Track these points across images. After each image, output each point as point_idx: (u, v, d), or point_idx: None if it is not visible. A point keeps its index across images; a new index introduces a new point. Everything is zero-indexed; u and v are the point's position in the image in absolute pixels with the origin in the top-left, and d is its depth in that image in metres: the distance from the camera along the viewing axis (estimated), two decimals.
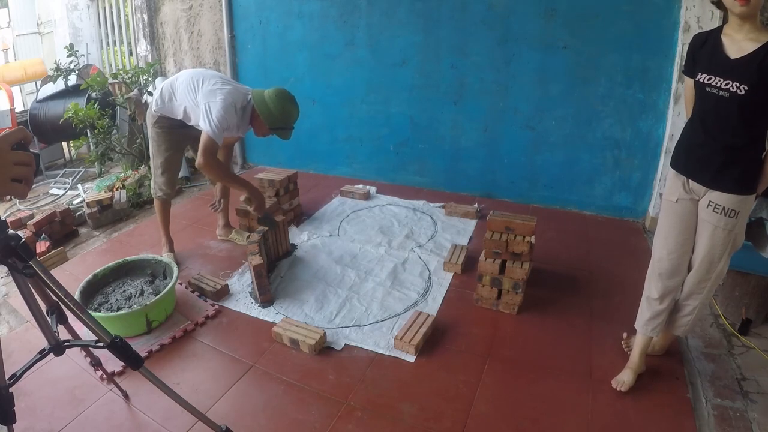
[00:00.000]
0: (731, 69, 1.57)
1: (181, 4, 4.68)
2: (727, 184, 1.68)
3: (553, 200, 3.64)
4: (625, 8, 3.02)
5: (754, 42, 1.52)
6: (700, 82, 1.66)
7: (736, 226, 1.72)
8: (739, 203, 1.67)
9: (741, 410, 1.81)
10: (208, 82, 2.49)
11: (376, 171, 4.19)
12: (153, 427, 1.79)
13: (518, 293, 2.34)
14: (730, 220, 1.69)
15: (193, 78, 2.53)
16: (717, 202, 1.70)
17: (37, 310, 1.29)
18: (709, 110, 1.66)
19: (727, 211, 1.69)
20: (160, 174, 2.75)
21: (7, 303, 2.61)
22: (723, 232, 1.72)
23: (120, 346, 1.35)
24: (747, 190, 1.67)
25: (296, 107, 2.59)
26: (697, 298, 1.88)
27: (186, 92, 2.50)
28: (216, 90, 2.44)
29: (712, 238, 1.75)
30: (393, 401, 1.89)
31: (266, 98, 2.49)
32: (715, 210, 1.71)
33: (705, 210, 1.75)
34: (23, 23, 7.25)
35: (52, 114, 4.54)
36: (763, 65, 1.50)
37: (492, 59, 3.49)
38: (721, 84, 1.59)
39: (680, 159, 1.81)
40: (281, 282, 2.70)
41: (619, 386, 1.92)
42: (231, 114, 2.43)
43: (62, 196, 4.25)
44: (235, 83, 2.64)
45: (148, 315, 2.25)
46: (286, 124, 2.55)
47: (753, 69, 1.51)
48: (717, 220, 1.71)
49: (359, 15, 3.82)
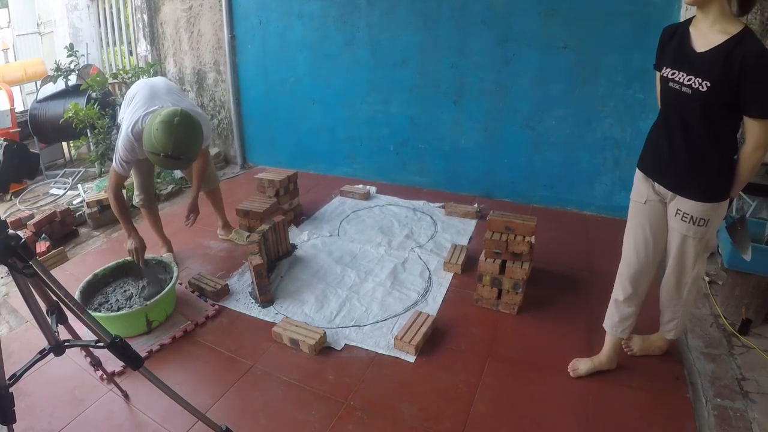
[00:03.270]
0: (695, 63, 1.46)
1: (181, 4, 4.69)
2: (694, 191, 1.57)
3: (553, 200, 3.64)
4: (625, 8, 3.02)
5: (722, 34, 1.41)
6: (664, 77, 1.56)
7: (707, 234, 1.63)
8: (709, 211, 1.57)
9: (741, 410, 1.81)
10: (134, 103, 2.44)
11: (376, 171, 4.19)
12: (153, 427, 1.80)
13: (518, 293, 2.34)
14: (699, 228, 1.60)
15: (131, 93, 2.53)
16: (685, 211, 1.60)
17: (37, 310, 1.30)
18: (672, 107, 1.56)
19: (695, 220, 1.59)
20: (136, 184, 2.78)
21: (7, 303, 2.61)
22: (693, 240, 1.64)
23: (120, 346, 1.35)
24: (716, 197, 1.56)
25: (168, 137, 2.11)
26: (678, 302, 1.84)
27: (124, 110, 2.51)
28: (126, 116, 2.41)
29: (682, 246, 1.67)
30: (393, 401, 1.89)
31: (150, 123, 2.19)
32: (684, 219, 1.61)
33: (673, 218, 1.66)
34: (23, 23, 7.25)
35: (52, 114, 4.54)
36: (729, 60, 1.38)
37: (492, 59, 3.49)
38: (684, 79, 1.48)
39: (646, 160, 1.72)
40: (281, 282, 2.70)
41: (571, 370, 1.95)
42: (131, 144, 2.34)
43: (62, 196, 4.25)
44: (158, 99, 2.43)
45: (148, 315, 2.25)
46: (152, 148, 2.15)
47: (718, 63, 1.40)
48: (686, 229, 1.62)
49: (359, 15, 3.82)
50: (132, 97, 2.51)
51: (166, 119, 2.14)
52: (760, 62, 1.35)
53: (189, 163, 2.37)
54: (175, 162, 2.24)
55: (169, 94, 2.53)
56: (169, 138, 2.12)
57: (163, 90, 2.53)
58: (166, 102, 2.43)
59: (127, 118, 2.41)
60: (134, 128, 2.35)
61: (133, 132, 2.34)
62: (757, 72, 1.36)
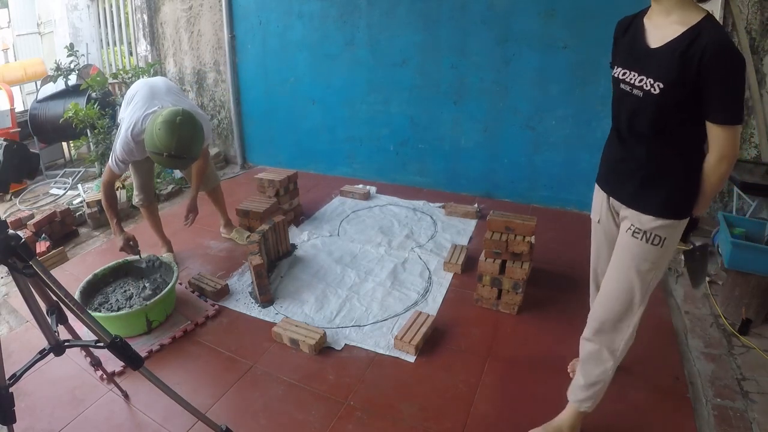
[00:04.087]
0: (648, 61, 1.26)
1: (181, 4, 4.69)
2: (649, 205, 1.35)
3: (553, 200, 3.64)
4: (625, 8, 3.01)
5: (679, 25, 1.20)
6: (615, 77, 1.37)
7: (660, 258, 1.38)
8: (666, 229, 1.34)
9: (741, 410, 1.81)
10: (133, 103, 2.45)
11: (376, 171, 4.19)
12: (153, 427, 1.79)
13: (518, 293, 2.34)
14: (652, 248, 1.35)
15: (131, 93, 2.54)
16: (637, 226, 1.37)
17: (37, 310, 1.30)
18: (623, 112, 1.36)
19: (649, 237, 1.35)
20: (136, 185, 2.79)
21: (7, 303, 2.61)
22: (644, 264, 1.38)
23: (120, 346, 1.35)
24: (675, 213, 1.33)
25: (170, 136, 2.13)
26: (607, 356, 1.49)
27: (124, 110, 2.52)
28: (126, 116, 2.42)
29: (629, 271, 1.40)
30: (393, 401, 1.89)
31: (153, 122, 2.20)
32: (635, 234, 1.37)
33: (624, 234, 1.42)
34: (23, 23, 7.25)
35: (52, 114, 4.54)
36: (686, 56, 1.17)
37: (492, 59, 3.49)
38: (636, 80, 1.28)
39: (601, 172, 1.53)
40: (281, 282, 2.70)
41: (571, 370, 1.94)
42: (129, 145, 2.36)
43: (62, 196, 4.26)
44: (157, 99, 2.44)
45: (148, 315, 2.25)
46: (154, 148, 2.18)
47: (672, 61, 1.19)
48: (636, 247, 1.38)
49: (359, 15, 3.82)
50: (132, 97, 2.51)
51: (169, 119, 2.15)
52: (720, 59, 1.14)
53: (191, 162, 2.38)
54: (178, 161, 2.25)
55: (169, 94, 2.52)
56: (172, 137, 2.13)
57: (163, 90, 2.53)
58: (166, 102, 2.43)
59: (127, 118, 2.41)
60: (134, 129, 2.35)
61: (133, 133, 2.34)
62: (717, 71, 1.15)
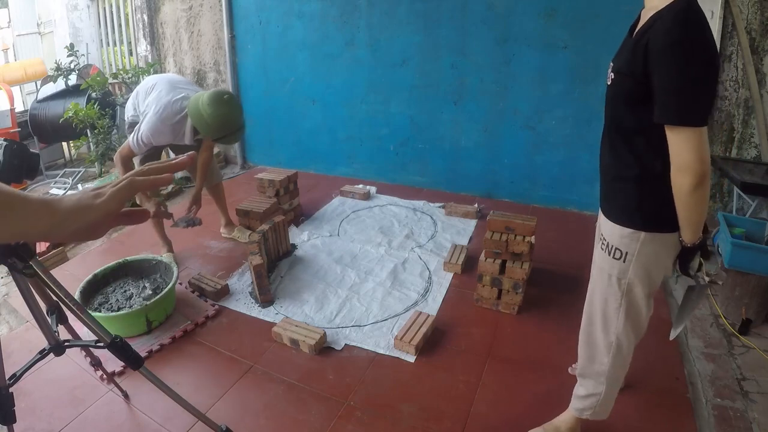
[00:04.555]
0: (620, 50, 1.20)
1: (181, 4, 4.69)
2: (611, 209, 1.24)
3: (553, 200, 3.64)
4: (625, 8, 3.02)
5: (652, 11, 1.08)
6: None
7: (626, 275, 1.22)
8: (626, 241, 1.20)
9: (741, 410, 1.81)
10: (156, 90, 2.53)
11: (376, 171, 4.19)
12: (153, 427, 1.79)
13: (518, 293, 2.34)
14: (615, 262, 1.23)
15: (148, 85, 2.60)
16: (603, 235, 1.27)
17: (37, 310, 1.29)
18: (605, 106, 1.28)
19: (610, 249, 1.23)
20: None
21: (7, 303, 2.61)
22: (611, 279, 1.25)
23: (120, 346, 1.35)
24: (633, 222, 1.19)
25: (234, 109, 2.39)
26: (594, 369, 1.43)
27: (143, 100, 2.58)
28: (152, 102, 2.49)
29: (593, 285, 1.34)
30: (393, 401, 1.89)
31: (201, 108, 2.35)
32: (602, 245, 1.28)
33: (596, 249, 1.34)
34: (23, 23, 7.25)
35: (52, 114, 4.54)
36: (639, 43, 1.05)
37: (492, 59, 3.49)
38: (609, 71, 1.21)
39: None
40: (281, 282, 2.70)
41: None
42: (157, 128, 2.44)
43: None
44: (180, 89, 2.55)
45: (148, 315, 2.25)
46: (226, 131, 2.39)
47: (627, 49, 1.12)
48: (600, 260, 1.29)
49: (359, 15, 3.82)
50: (150, 89, 2.59)
51: (225, 99, 2.36)
52: (661, 44, 0.99)
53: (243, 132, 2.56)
54: (243, 131, 2.51)
55: (187, 84, 2.66)
56: (236, 111, 2.42)
57: (182, 81, 2.67)
58: (189, 91, 2.55)
59: (153, 104, 2.48)
60: (164, 112, 2.45)
61: (163, 116, 2.44)
62: (657, 59, 1.01)
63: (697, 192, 1.04)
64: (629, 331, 1.32)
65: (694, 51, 0.98)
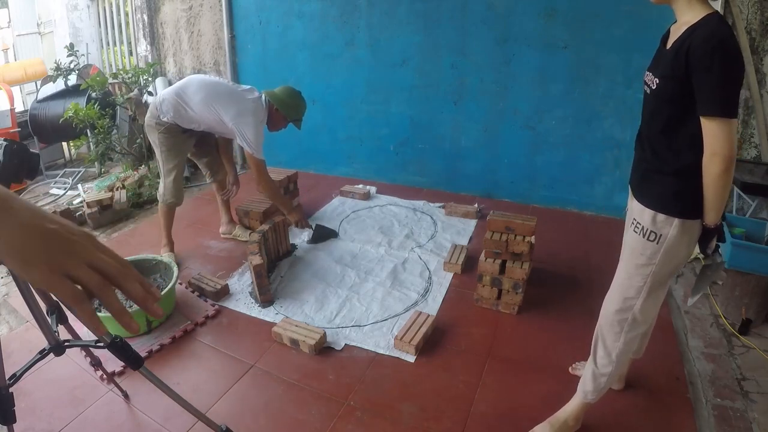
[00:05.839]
0: (659, 61, 1.39)
1: (181, 4, 4.68)
2: (646, 197, 1.42)
3: (553, 200, 3.64)
4: (625, 8, 3.02)
5: (686, 26, 1.29)
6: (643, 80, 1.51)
7: (658, 256, 1.40)
8: (661, 225, 1.37)
9: (741, 410, 1.81)
10: (227, 101, 2.63)
11: (376, 171, 4.19)
12: (153, 427, 1.79)
13: (518, 293, 2.34)
14: (649, 244, 1.40)
15: (208, 95, 2.63)
16: (637, 219, 1.43)
17: (37, 310, 1.29)
18: (643, 111, 1.50)
19: (645, 232, 1.40)
20: (172, 180, 2.77)
21: (7, 303, 2.61)
22: (640, 258, 1.42)
23: (120, 346, 1.35)
24: (669, 209, 1.36)
25: (304, 99, 2.93)
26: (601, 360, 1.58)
27: (206, 110, 2.63)
28: (241, 111, 2.63)
29: (627, 264, 1.48)
30: (393, 401, 1.89)
31: (283, 96, 2.80)
32: (636, 229, 1.44)
33: (628, 229, 1.50)
34: (23, 23, 7.25)
35: (52, 114, 4.53)
36: (679, 51, 1.25)
37: (492, 59, 3.49)
38: (648, 79, 1.42)
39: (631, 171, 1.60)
40: (281, 282, 2.70)
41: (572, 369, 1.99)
42: (261, 128, 2.73)
43: (62, 196, 4.25)
44: (241, 91, 2.75)
45: (148, 315, 2.25)
46: (302, 114, 2.91)
47: (669, 57, 1.30)
48: (634, 242, 1.44)
49: (359, 15, 3.82)
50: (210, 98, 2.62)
51: (296, 90, 2.87)
52: (702, 50, 1.20)
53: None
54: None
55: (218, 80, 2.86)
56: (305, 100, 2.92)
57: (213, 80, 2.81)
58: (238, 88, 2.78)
59: (242, 110, 2.63)
60: (259, 114, 2.70)
61: (260, 118, 2.71)
62: (700, 62, 1.21)
63: (725, 175, 1.24)
64: (647, 309, 1.50)
65: (730, 54, 1.19)
